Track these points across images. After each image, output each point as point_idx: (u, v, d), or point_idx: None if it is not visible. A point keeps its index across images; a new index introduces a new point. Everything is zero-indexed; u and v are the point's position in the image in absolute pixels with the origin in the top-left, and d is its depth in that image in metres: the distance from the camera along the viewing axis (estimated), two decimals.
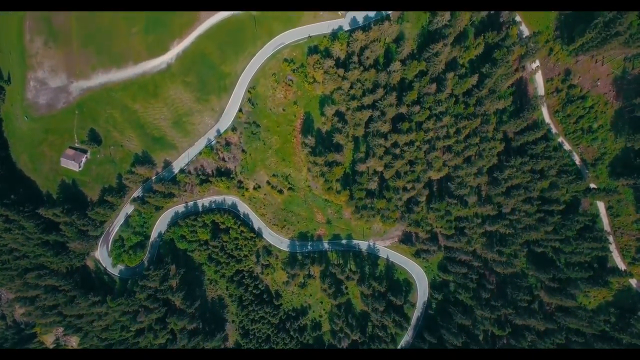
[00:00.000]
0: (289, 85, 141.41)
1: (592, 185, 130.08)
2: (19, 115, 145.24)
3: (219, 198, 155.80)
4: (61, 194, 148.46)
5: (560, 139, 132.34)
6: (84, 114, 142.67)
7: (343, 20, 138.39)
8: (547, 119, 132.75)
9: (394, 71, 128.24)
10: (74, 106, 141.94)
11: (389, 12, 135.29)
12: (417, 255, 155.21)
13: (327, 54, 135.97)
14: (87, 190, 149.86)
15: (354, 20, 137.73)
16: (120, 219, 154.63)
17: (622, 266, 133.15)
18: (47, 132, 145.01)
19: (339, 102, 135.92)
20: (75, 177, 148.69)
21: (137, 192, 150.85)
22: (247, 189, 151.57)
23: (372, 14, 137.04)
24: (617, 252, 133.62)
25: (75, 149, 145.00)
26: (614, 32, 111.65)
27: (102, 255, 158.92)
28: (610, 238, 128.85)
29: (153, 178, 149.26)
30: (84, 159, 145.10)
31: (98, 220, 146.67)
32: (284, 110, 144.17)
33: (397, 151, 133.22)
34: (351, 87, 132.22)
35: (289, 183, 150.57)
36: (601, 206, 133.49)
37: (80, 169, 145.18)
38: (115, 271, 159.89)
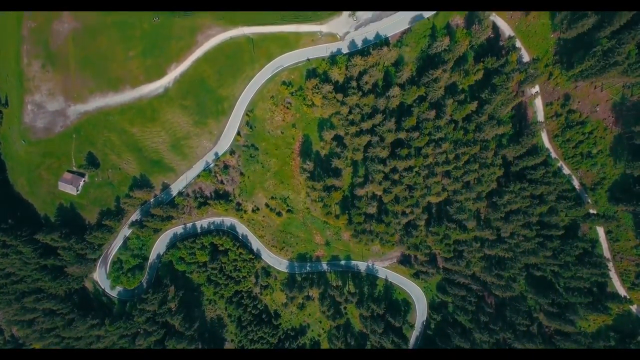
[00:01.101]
0: (288, 108, 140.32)
1: (592, 211, 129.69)
2: (16, 139, 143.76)
3: (217, 219, 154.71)
4: (59, 217, 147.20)
5: (559, 163, 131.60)
6: (81, 138, 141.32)
7: (342, 43, 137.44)
8: (547, 143, 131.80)
9: (392, 96, 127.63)
10: (72, 130, 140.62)
11: (388, 35, 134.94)
12: (415, 276, 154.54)
13: (326, 77, 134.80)
14: (85, 213, 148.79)
15: (352, 43, 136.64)
16: (118, 241, 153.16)
17: (621, 291, 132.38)
18: (44, 156, 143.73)
19: (338, 126, 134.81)
20: (73, 201, 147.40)
21: (136, 215, 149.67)
22: (245, 211, 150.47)
23: (370, 37, 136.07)
24: (617, 277, 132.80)
25: (73, 172, 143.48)
26: (613, 62, 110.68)
27: (100, 276, 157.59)
28: (610, 264, 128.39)
29: (151, 201, 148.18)
30: (81, 183, 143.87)
31: (96, 243, 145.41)
32: (282, 132, 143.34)
33: (396, 177, 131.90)
34: (350, 112, 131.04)
35: (287, 205, 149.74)
36: (600, 231, 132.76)
37: (78, 192, 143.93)
38: (113, 293, 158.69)
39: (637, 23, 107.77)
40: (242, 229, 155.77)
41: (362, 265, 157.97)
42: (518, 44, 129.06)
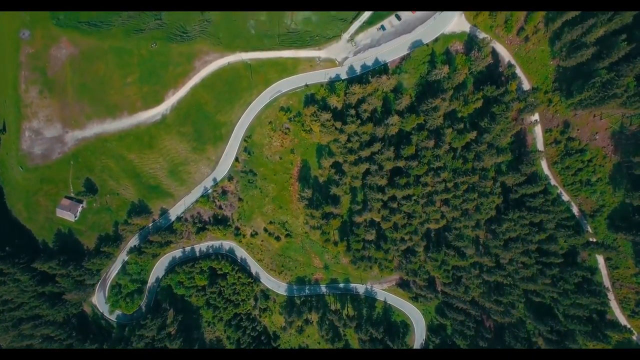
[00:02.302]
0: (286, 133, 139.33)
1: (591, 239, 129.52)
2: (13, 165, 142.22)
3: (216, 243, 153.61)
4: (57, 243, 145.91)
5: (559, 190, 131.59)
6: (79, 164, 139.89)
7: (340, 69, 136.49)
8: (546, 170, 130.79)
9: (391, 125, 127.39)
10: (69, 156, 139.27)
11: (387, 61, 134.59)
12: (414, 299, 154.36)
13: (324, 103, 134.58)
14: (84, 239, 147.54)
15: (351, 69, 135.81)
16: (117, 265, 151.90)
17: (621, 318, 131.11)
18: (42, 182, 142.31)
19: (336, 153, 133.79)
20: (71, 226, 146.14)
21: (134, 240, 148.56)
22: (244, 236, 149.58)
23: (369, 62, 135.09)
24: (617, 304, 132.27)
25: (71, 198, 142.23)
26: (612, 94, 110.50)
27: (99, 300, 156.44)
28: (610, 295, 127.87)
29: (150, 225, 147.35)
30: (79, 209, 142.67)
31: (94, 269, 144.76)
32: (280, 158, 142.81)
33: (395, 205, 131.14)
34: (348, 140, 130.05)
35: (286, 230, 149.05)
36: (600, 258, 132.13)
37: (76, 218, 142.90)
38: (112, 316, 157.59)
39: (636, 56, 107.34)
40: (240, 252, 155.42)
41: (360, 288, 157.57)
42: (517, 70, 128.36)
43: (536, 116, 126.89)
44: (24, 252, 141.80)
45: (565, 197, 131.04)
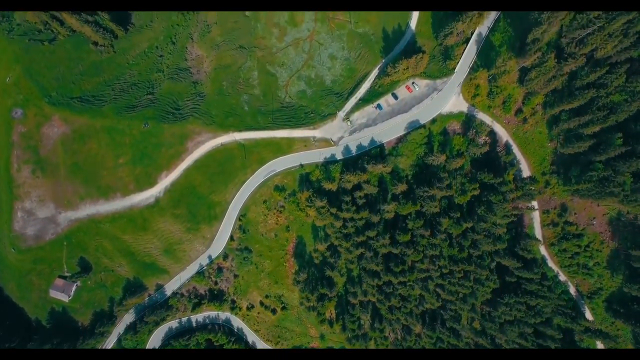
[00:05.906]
0: (280, 211, 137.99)
1: (590, 327, 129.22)
2: (5, 245, 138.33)
3: (212, 314, 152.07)
4: (51, 321, 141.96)
5: (555, 271, 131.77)
6: (72, 245, 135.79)
7: (336, 148, 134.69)
8: (543, 250, 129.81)
9: (387, 212, 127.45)
10: (63, 237, 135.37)
11: (384, 141, 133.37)
12: None
13: (319, 186, 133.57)
14: (78, 316, 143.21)
15: (346, 149, 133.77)
16: (113, 338, 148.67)
17: None
18: (35, 262, 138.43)
19: (332, 236, 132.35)
20: (65, 305, 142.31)
21: (130, 315, 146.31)
22: (240, 309, 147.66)
23: (365, 142, 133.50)
24: None
25: (65, 278, 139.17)
26: (609, 191, 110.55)
27: None
28: None
29: (145, 300, 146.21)
30: (74, 288, 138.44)
31: (89, 347, 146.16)
32: (276, 235, 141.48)
33: (390, 290, 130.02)
34: (344, 226, 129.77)
35: (281, 302, 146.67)
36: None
37: (70, 298, 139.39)
38: None
39: (632, 155, 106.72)
40: (237, 322, 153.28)
41: None
42: (515, 149, 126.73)
43: (534, 204, 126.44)
44: (16, 332, 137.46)
45: (563, 277, 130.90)
